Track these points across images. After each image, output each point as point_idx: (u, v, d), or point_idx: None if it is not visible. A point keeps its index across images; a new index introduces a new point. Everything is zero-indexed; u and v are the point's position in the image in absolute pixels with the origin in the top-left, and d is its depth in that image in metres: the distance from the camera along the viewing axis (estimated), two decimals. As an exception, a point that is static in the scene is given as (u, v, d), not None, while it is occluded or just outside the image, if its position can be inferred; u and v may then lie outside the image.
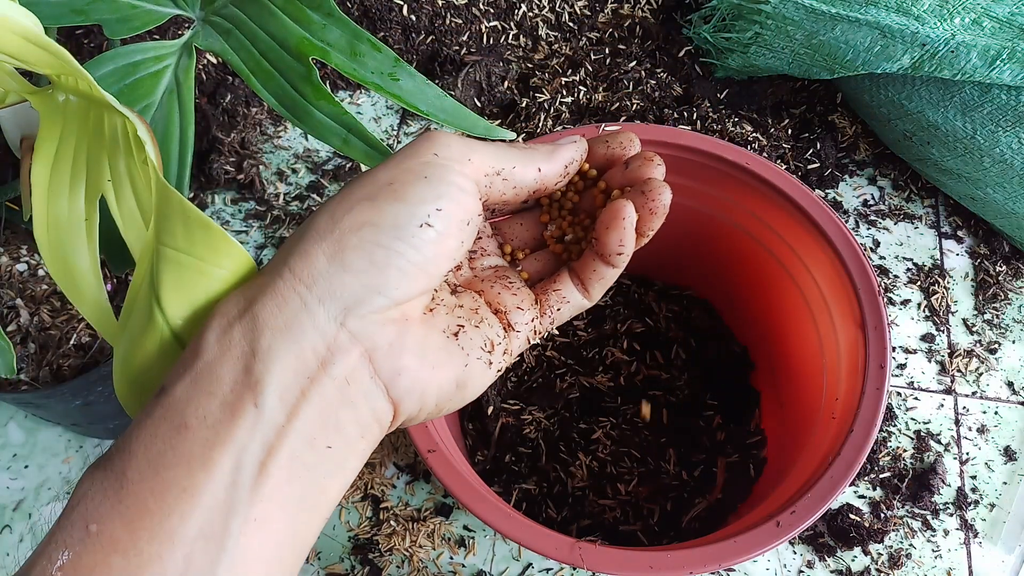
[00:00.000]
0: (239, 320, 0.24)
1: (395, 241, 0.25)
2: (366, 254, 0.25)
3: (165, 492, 0.22)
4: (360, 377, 0.25)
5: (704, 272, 0.60)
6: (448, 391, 0.27)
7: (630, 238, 0.30)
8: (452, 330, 0.28)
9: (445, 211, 0.26)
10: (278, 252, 0.26)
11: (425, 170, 0.26)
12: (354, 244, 0.25)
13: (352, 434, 0.25)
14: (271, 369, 0.23)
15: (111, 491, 0.22)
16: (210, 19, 0.39)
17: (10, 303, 0.51)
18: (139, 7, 0.39)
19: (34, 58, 0.27)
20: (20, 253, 0.52)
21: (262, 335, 0.24)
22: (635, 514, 0.56)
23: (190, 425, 0.23)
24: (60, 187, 0.31)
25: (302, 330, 0.24)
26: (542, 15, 0.78)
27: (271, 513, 0.23)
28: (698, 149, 0.49)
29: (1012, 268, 0.68)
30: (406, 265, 0.25)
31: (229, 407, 0.23)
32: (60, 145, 0.31)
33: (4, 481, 0.60)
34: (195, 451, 0.22)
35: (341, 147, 0.36)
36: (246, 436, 0.23)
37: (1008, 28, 0.57)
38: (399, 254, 0.25)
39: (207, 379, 0.23)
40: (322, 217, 0.26)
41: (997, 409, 0.62)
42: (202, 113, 0.71)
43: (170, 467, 0.22)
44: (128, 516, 0.22)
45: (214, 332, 0.24)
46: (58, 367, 0.50)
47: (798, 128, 0.73)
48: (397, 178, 0.26)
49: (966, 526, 0.58)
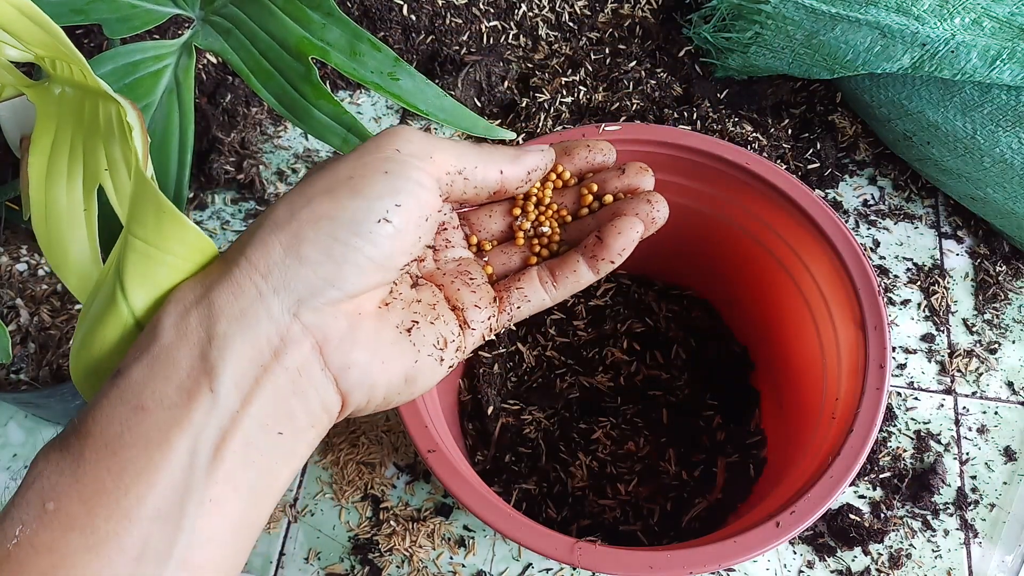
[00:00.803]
0: (196, 306, 0.25)
1: (352, 236, 0.25)
2: (322, 247, 0.25)
3: (122, 472, 0.22)
4: (311, 369, 0.25)
5: (704, 272, 0.60)
6: (397, 385, 0.28)
7: (631, 249, 0.31)
8: (406, 326, 0.28)
9: (404, 207, 0.26)
10: (236, 241, 0.26)
11: (385, 165, 0.26)
12: (311, 237, 0.25)
13: (302, 423, 0.25)
14: (226, 356, 0.24)
15: (68, 470, 0.22)
16: (210, 19, 0.39)
17: (10, 303, 0.51)
18: (139, 7, 0.39)
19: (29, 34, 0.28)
20: (20, 253, 0.52)
21: (218, 322, 0.24)
22: (635, 514, 0.56)
23: (147, 407, 0.23)
24: (57, 178, 0.31)
25: (257, 319, 0.24)
26: (542, 15, 0.78)
27: (226, 495, 0.24)
28: (698, 149, 0.49)
29: (1012, 268, 0.68)
30: (362, 260, 0.26)
31: (186, 391, 0.23)
32: (56, 136, 0.31)
33: (4, 481, 0.60)
34: (152, 433, 0.23)
35: (341, 147, 0.36)
36: (202, 420, 0.23)
37: (1008, 28, 0.57)
38: (356, 249, 0.25)
39: (164, 363, 0.24)
40: (281, 208, 0.26)
41: (997, 409, 0.62)
42: (202, 113, 0.71)
43: (127, 447, 0.23)
44: (85, 495, 0.22)
45: (171, 317, 0.24)
46: (58, 367, 0.50)
47: (798, 128, 0.73)
48: (357, 172, 0.26)
49: (966, 526, 0.58)
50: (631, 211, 0.32)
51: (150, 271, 0.26)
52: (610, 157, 0.33)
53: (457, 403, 0.59)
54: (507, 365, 0.61)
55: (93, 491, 0.22)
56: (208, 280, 0.25)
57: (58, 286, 0.52)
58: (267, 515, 0.26)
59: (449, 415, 0.54)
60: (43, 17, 0.27)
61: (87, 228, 0.31)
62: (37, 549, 0.22)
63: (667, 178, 0.53)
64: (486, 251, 0.34)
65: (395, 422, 0.62)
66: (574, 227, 0.34)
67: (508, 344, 0.61)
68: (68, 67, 0.30)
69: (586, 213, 0.34)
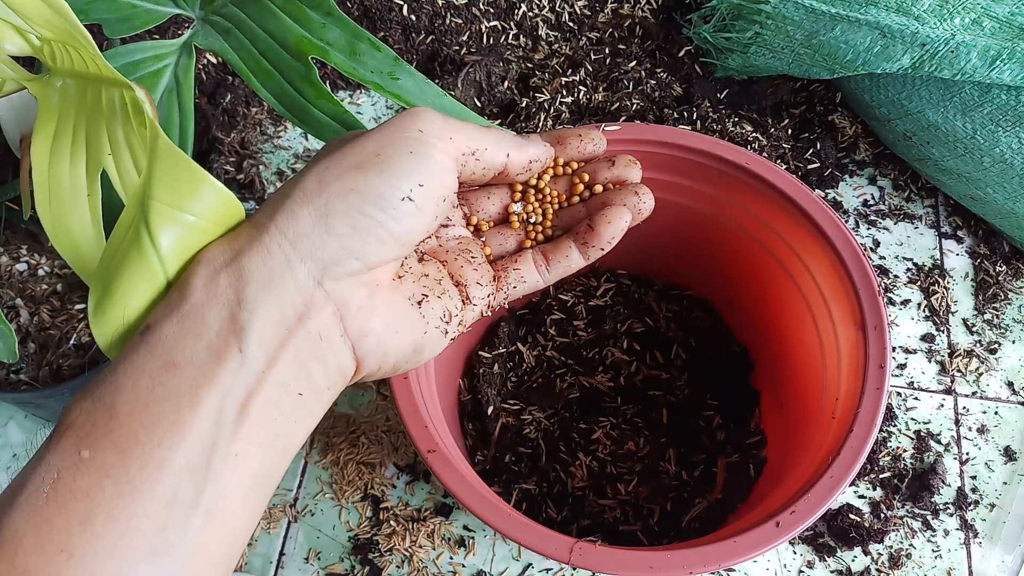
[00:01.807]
0: (226, 269, 0.26)
1: (377, 211, 0.27)
2: (349, 220, 0.26)
3: (155, 425, 0.23)
4: (331, 334, 0.27)
5: (704, 272, 0.60)
6: (406, 354, 0.29)
7: (619, 237, 0.34)
8: (417, 298, 0.30)
9: (426, 187, 0.28)
10: (263, 207, 0.27)
11: (410, 145, 0.28)
12: (340, 209, 0.26)
13: (320, 384, 0.27)
14: (255, 318, 0.25)
15: (101, 421, 0.23)
16: (210, 18, 0.39)
17: (10, 303, 0.51)
18: (139, 6, 0.39)
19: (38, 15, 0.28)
20: (20, 253, 0.52)
21: (247, 285, 0.25)
22: (635, 514, 0.56)
23: (178, 364, 0.24)
24: (60, 163, 0.31)
25: (284, 285, 0.26)
26: (542, 15, 0.78)
27: (249, 451, 0.25)
28: (698, 149, 0.49)
29: (1012, 268, 0.68)
30: (384, 234, 0.27)
31: (215, 350, 0.25)
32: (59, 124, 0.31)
33: (4, 481, 0.60)
34: (183, 389, 0.24)
35: (341, 146, 0.36)
36: (230, 378, 0.24)
37: (1008, 28, 0.57)
38: (379, 224, 0.27)
39: (194, 321, 0.25)
40: (311, 179, 0.27)
41: (997, 409, 0.62)
42: (202, 113, 0.71)
43: (159, 401, 0.24)
44: (119, 445, 0.23)
45: (201, 278, 0.25)
46: (58, 367, 0.50)
47: (798, 128, 0.73)
48: (384, 150, 0.27)
49: (966, 526, 0.58)
50: (620, 201, 0.34)
51: (182, 233, 0.26)
52: (600, 146, 0.35)
53: (457, 403, 0.59)
54: (507, 365, 0.61)
55: (127, 442, 0.23)
56: (237, 244, 0.26)
57: (58, 286, 0.52)
58: (282, 472, 0.27)
59: (449, 415, 0.54)
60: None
61: (91, 212, 0.32)
62: (74, 494, 0.22)
63: (667, 178, 0.53)
64: (483, 232, 0.35)
65: (395, 422, 0.62)
66: (565, 213, 0.36)
67: (508, 344, 0.61)
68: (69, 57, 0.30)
69: (577, 201, 0.36)
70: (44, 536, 0.22)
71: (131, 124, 0.30)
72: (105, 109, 0.30)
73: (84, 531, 0.22)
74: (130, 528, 0.23)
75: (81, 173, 0.31)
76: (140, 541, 0.23)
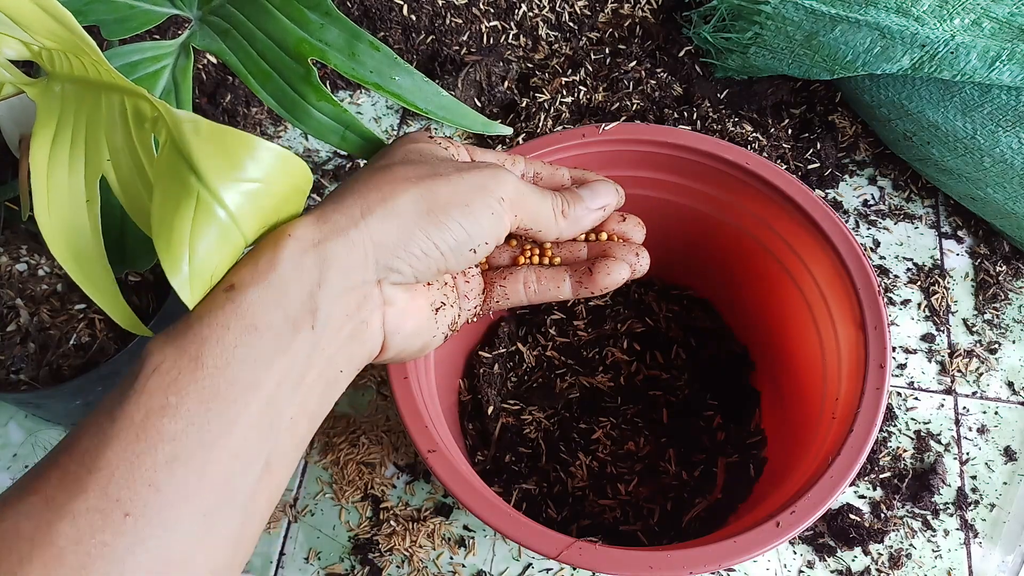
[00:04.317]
0: (313, 249, 0.29)
1: (450, 253, 0.32)
2: (426, 249, 0.31)
3: (234, 382, 0.26)
4: (375, 324, 0.31)
5: (704, 272, 0.60)
6: (414, 351, 0.34)
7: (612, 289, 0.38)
8: (436, 305, 0.34)
9: (489, 245, 0.33)
10: (352, 195, 0.31)
11: (493, 207, 0.33)
12: (420, 239, 0.31)
13: (355, 364, 0.31)
14: (330, 300, 0.28)
15: (187, 370, 0.26)
16: (207, 19, 0.39)
17: (10, 303, 0.51)
18: (136, 7, 0.39)
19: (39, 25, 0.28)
20: (20, 253, 0.52)
21: (329, 269, 0.29)
22: (635, 514, 0.56)
23: (259, 329, 0.27)
24: (59, 169, 0.31)
25: (356, 277, 0.29)
26: (542, 15, 0.78)
27: (299, 418, 0.28)
28: (698, 149, 0.49)
29: (1012, 268, 0.68)
30: (444, 267, 0.32)
31: (292, 323, 0.27)
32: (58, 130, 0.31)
33: (4, 481, 0.60)
34: (261, 353, 0.27)
35: (341, 145, 0.36)
36: (298, 350, 0.27)
37: (1008, 29, 0.57)
38: (445, 260, 0.32)
39: (278, 292, 0.28)
40: (407, 199, 0.31)
41: (997, 409, 0.62)
42: (202, 113, 0.71)
43: (240, 361, 0.26)
44: (204, 396, 0.25)
45: (290, 252, 0.28)
46: (58, 367, 0.50)
47: (798, 128, 0.73)
48: (472, 203, 0.32)
49: (966, 526, 0.58)
50: (621, 257, 0.38)
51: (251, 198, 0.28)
52: (620, 199, 0.39)
53: (457, 403, 0.59)
54: (507, 365, 0.61)
55: (210, 394, 0.26)
56: (326, 228, 0.29)
57: (58, 286, 0.52)
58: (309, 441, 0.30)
59: (449, 415, 0.54)
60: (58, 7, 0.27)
61: (90, 218, 0.32)
62: (162, 436, 0.25)
63: (667, 178, 0.53)
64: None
65: (395, 422, 0.62)
66: (566, 246, 0.39)
67: (508, 344, 0.61)
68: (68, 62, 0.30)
69: (582, 238, 0.39)
70: (135, 470, 0.24)
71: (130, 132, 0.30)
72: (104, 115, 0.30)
73: (169, 470, 0.24)
74: (206, 472, 0.25)
75: (80, 179, 0.31)
76: (212, 484, 0.25)
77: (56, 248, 0.31)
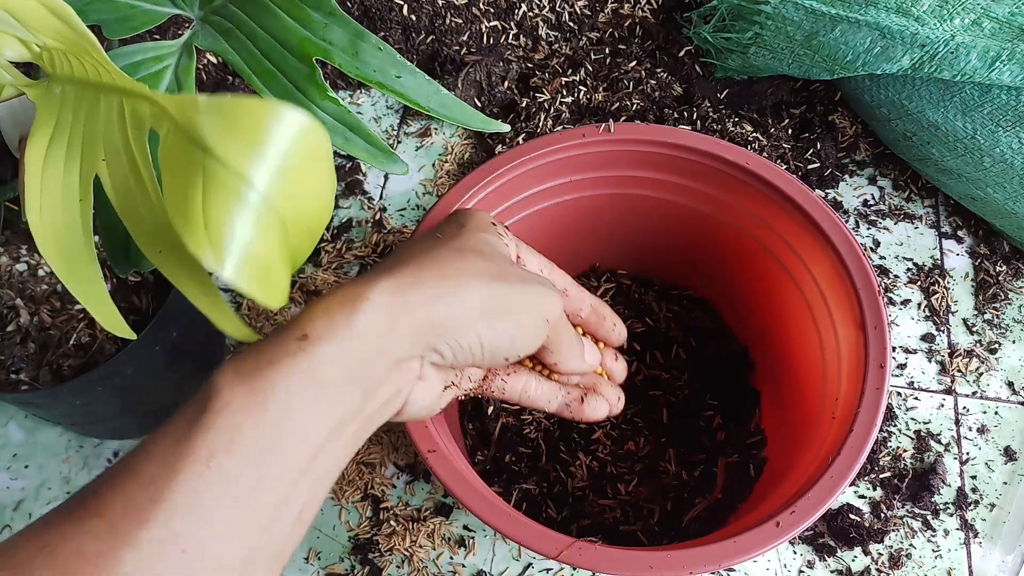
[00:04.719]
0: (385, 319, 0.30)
1: (490, 353, 0.34)
2: (472, 344, 0.33)
3: (292, 432, 0.27)
4: (404, 394, 0.33)
5: (704, 272, 0.60)
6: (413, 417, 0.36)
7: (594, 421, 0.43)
8: (446, 384, 0.36)
9: (520, 356, 0.36)
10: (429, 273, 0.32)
11: (539, 326, 0.35)
12: (473, 333, 0.33)
13: (377, 424, 0.32)
14: (386, 369, 0.30)
15: (253, 413, 0.27)
16: (209, 18, 0.39)
17: (10, 303, 0.51)
18: (138, 7, 0.39)
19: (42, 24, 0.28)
20: (20, 253, 0.52)
21: (394, 340, 0.30)
22: (635, 514, 0.56)
23: (324, 384, 0.28)
24: (55, 169, 0.31)
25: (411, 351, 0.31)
26: (542, 15, 0.78)
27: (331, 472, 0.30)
28: (698, 149, 0.49)
29: (1012, 268, 0.68)
30: (477, 362, 0.34)
31: (351, 383, 0.29)
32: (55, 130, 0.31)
33: (4, 481, 0.60)
34: (321, 408, 0.28)
35: (342, 145, 0.36)
36: (347, 409, 0.29)
37: (1008, 29, 0.57)
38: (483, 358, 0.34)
39: (347, 353, 0.29)
40: (477, 295, 0.33)
41: (997, 409, 0.62)
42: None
43: (302, 413, 0.28)
44: (264, 443, 0.27)
45: (367, 318, 0.29)
46: (58, 367, 0.50)
47: (798, 128, 0.73)
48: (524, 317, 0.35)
49: (966, 526, 0.58)
50: (606, 395, 0.43)
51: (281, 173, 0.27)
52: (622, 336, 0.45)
53: (457, 403, 0.59)
54: (507, 365, 0.61)
55: (270, 442, 0.27)
56: (398, 301, 0.31)
57: (58, 286, 0.52)
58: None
59: (449, 415, 0.54)
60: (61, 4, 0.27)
61: (82, 216, 0.32)
62: (224, 477, 0.26)
63: (667, 178, 0.53)
64: None
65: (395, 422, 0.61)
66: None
67: (508, 344, 0.61)
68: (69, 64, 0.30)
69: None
70: (195, 508, 0.25)
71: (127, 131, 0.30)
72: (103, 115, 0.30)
73: (224, 511, 0.26)
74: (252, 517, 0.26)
75: (75, 178, 0.31)
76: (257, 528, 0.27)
77: (44, 245, 0.31)
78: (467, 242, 0.35)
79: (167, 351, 0.53)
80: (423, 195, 0.72)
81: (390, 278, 0.31)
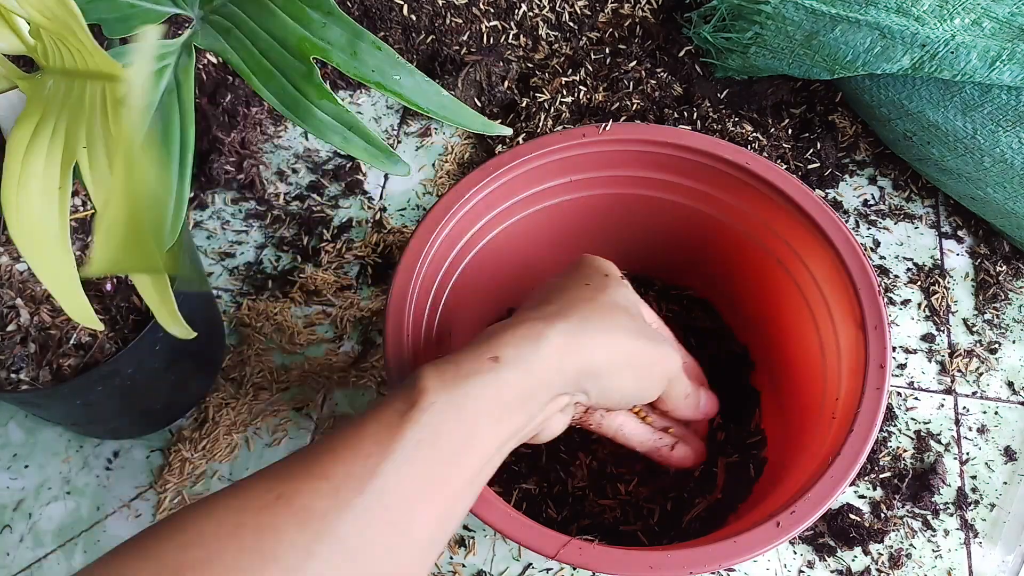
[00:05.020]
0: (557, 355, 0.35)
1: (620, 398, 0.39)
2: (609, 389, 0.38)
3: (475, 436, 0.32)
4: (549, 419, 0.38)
5: (704, 272, 0.60)
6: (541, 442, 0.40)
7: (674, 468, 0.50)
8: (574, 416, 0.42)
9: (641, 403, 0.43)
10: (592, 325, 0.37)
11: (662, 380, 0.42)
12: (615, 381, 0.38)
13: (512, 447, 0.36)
14: (549, 397, 0.36)
15: (451, 415, 0.32)
16: (209, 18, 0.39)
17: (10, 303, 0.51)
18: (138, 6, 0.39)
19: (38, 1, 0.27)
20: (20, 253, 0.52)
21: (555, 376, 0.35)
22: (635, 514, 0.56)
23: (503, 401, 0.33)
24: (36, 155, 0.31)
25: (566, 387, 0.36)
26: (542, 15, 0.78)
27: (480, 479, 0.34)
28: (698, 149, 0.49)
29: (1012, 268, 0.68)
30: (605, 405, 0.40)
31: (520, 404, 0.34)
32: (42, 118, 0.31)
33: (4, 481, 0.60)
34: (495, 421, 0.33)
35: (341, 145, 0.36)
36: (509, 428, 0.34)
37: (1008, 29, 0.57)
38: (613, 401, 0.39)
39: (527, 376, 0.34)
40: (625, 350, 0.38)
41: (997, 409, 0.62)
42: (202, 113, 0.71)
43: (482, 423, 0.33)
44: (457, 439, 0.32)
45: (547, 352, 0.35)
46: (58, 367, 0.50)
47: (798, 128, 0.73)
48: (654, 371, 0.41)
49: (966, 526, 0.58)
50: (691, 445, 0.48)
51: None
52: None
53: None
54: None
55: (460, 442, 0.32)
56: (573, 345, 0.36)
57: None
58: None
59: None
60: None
61: (59, 204, 0.32)
62: (425, 464, 0.31)
63: (667, 178, 0.53)
64: None
65: (395, 422, 0.61)
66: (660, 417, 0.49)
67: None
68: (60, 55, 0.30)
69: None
70: (400, 488, 0.30)
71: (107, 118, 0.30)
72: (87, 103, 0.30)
73: (419, 491, 0.30)
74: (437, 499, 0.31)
75: (56, 167, 0.32)
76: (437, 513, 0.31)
77: (17, 234, 0.31)
78: (615, 297, 0.40)
79: (167, 351, 0.53)
80: (423, 195, 0.72)
81: (564, 322, 0.36)
